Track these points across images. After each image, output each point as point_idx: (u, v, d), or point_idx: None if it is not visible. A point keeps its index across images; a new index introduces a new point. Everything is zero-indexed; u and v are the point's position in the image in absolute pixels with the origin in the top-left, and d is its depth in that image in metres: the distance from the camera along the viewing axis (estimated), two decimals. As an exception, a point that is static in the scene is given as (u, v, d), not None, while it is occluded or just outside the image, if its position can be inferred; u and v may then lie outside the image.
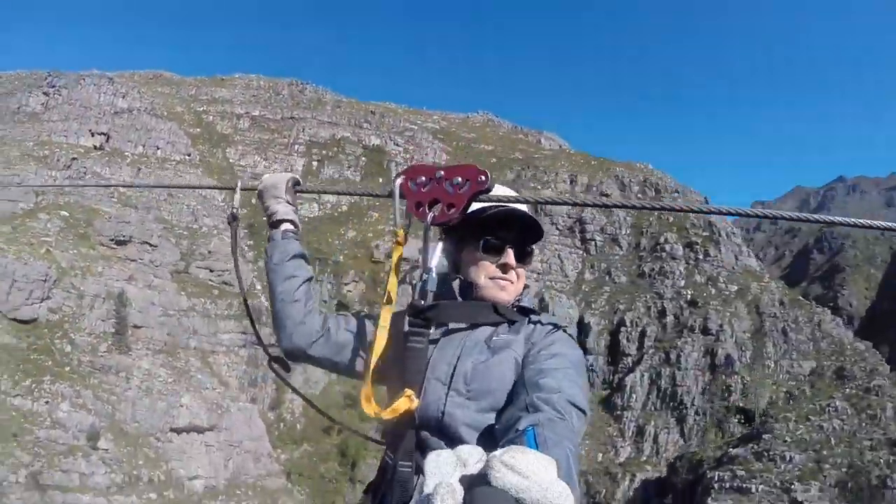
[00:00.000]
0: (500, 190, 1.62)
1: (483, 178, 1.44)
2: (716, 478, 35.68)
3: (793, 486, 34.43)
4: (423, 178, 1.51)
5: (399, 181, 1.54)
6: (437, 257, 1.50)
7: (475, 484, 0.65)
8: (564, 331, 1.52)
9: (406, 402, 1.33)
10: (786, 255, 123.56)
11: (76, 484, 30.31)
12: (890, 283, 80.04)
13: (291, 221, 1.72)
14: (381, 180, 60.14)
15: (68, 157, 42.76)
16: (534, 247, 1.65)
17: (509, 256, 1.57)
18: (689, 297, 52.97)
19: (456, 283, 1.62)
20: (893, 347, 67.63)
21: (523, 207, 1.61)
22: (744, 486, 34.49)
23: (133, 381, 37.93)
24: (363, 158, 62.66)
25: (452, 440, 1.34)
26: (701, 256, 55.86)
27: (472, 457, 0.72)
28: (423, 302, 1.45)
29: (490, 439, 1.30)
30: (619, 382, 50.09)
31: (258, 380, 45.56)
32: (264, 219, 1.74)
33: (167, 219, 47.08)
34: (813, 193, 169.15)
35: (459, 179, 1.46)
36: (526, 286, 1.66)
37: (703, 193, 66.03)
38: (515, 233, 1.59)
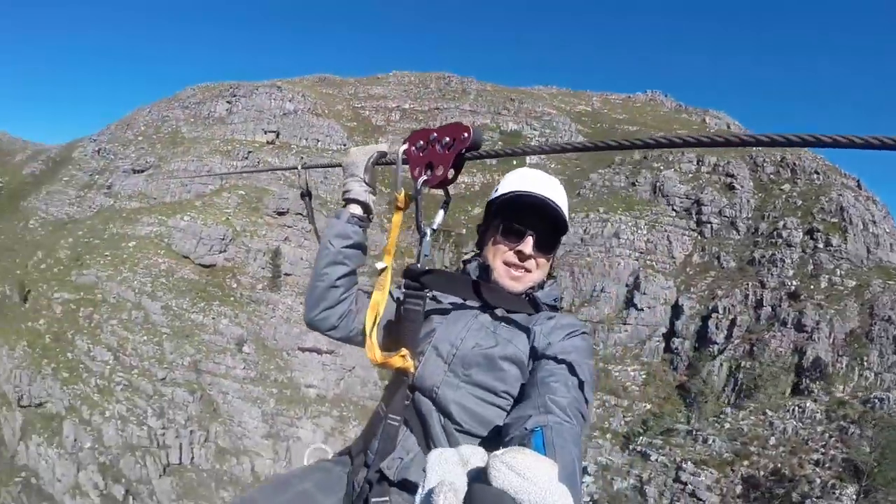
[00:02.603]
0: (522, 172, 1.80)
1: (466, 134, 1.55)
2: (641, 442, 41.83)
3: (684, 466, 37.95)
4: (422, 142, 1.67)
5: (403, 147, 1.72)
6: (437, 223, 1.65)
7: (476, 483, 0.71)
8: (584, 333, 1.65)
9: (400, 360, 1.57)
10: None
11: (222, 372, 51.33)
12: None
13: (363, 203, 1.78)
14: (514, 163, 72.23)
15: (246, 150, 65.85)
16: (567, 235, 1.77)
17: (527, 244, 1.70)
18: (793, 288, 53.77)
19: (474, 264, 1.82)
20: None
21: (557, 197, 1.72)
22: (646, 452, 40.04)
23: (277, 311, 58.51)
24: (499, 143, 75.18)
25: (442, 413, 1.57)
26: (821, 245, 55.18)
27: (473, 456, 0.78)
28: (418, 265, 1.66)
29: (475, 420, 1.56)
30: (698, 370, 52.96)
31: (382, 325, 63.68)
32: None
33: (322, 196, 67.54)
34: None
35: (447, 139, 1.59)
36: (553, 277, 1.83)
37: (859, 176, 62.04)
38: (542, 220, 1.71)
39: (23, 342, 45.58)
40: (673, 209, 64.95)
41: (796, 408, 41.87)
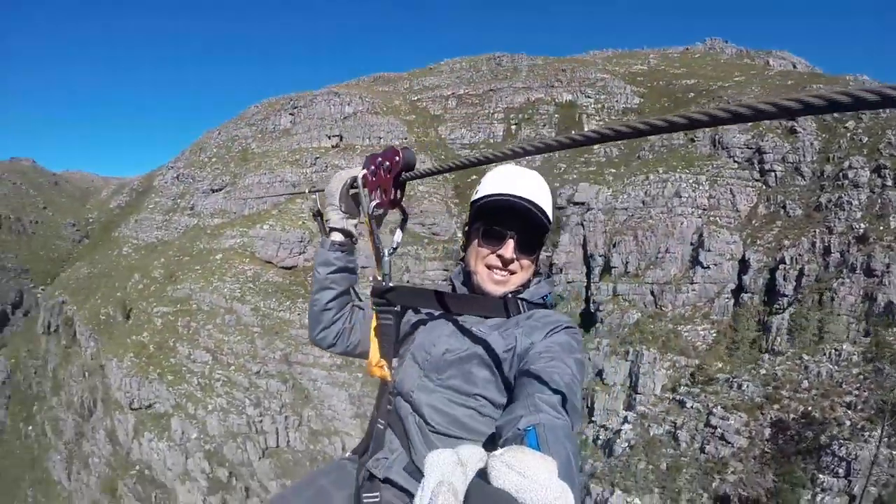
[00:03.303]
0: (502, 172, 1.83)
1: (397, 157, 1.69)
2: (681, 391, 43.36)
3: (714, 411, 38.33)
4: (373, 167, 1.82)
5: (361, 173, 1.87)
6: (396, 241, 1.83)
7: (476, 483, 0.74)
8: (567, 328, 1.68)
9: (377, 370, 1.78)
10: None
11: (311, 362, 56.20)
12: None
13: (342, 230, 2.00)
14: (572, 131, 73.69)
15: (313, 157, 71.39)
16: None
17: (507, 248, 1.75)
18: (861, 231, 53.24)
19: (457, 270, 1.96)
20: None
21: (538, 197, 1.78)
22: (683, 400, 41.03)
23: (356, 302, 64.57)
24: (556, 116, 76.91)
25: (417, 414, 1.71)
26: (890, 182, 54.10)
27: (472, 456, 0.80)
28: (383, 283, 1.85)
29: (447, 420, 1.68)
30: (766, 325, 51.03)
31: (455, 307, 68.45)
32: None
33: (390, 189, 72.74)
34: None
35: (387, 163, 1.74)
36: (540, 275, 1.87)
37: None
38: (523, 222, 1.76)
39: (129, 354, 52.44)
40: (734, 161, 64.51)
41: (833, 351, 42.12)
